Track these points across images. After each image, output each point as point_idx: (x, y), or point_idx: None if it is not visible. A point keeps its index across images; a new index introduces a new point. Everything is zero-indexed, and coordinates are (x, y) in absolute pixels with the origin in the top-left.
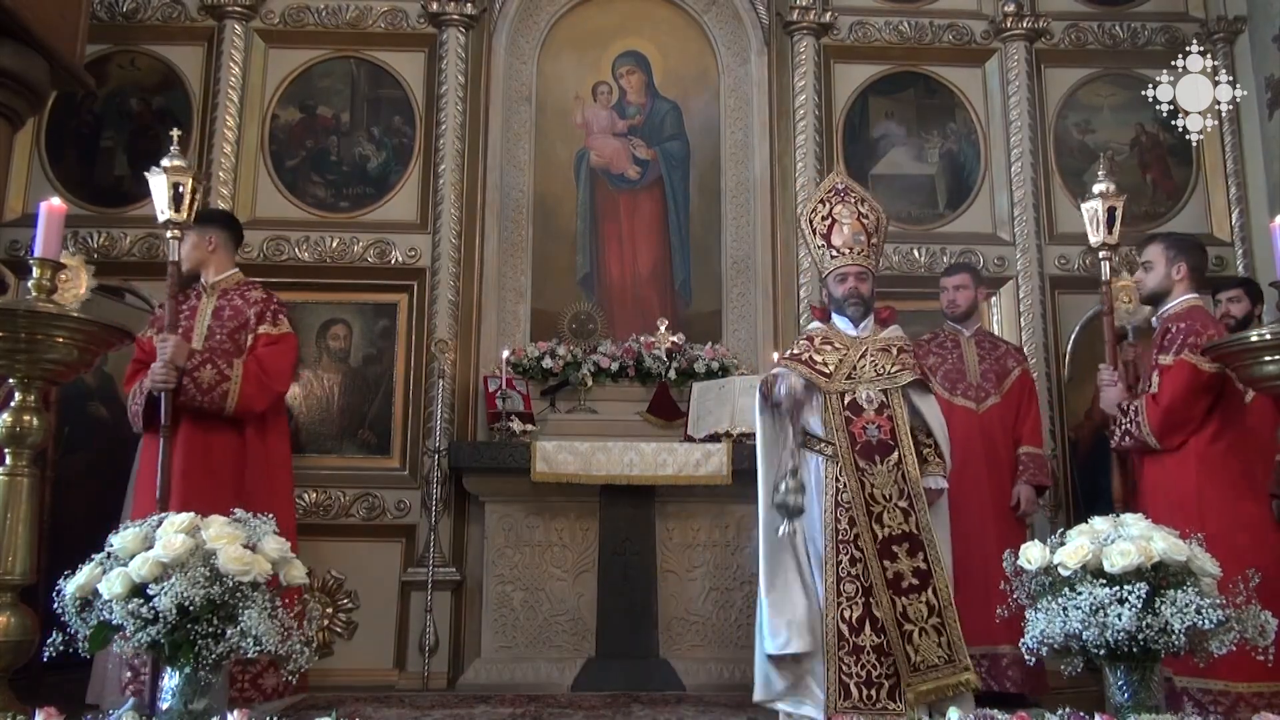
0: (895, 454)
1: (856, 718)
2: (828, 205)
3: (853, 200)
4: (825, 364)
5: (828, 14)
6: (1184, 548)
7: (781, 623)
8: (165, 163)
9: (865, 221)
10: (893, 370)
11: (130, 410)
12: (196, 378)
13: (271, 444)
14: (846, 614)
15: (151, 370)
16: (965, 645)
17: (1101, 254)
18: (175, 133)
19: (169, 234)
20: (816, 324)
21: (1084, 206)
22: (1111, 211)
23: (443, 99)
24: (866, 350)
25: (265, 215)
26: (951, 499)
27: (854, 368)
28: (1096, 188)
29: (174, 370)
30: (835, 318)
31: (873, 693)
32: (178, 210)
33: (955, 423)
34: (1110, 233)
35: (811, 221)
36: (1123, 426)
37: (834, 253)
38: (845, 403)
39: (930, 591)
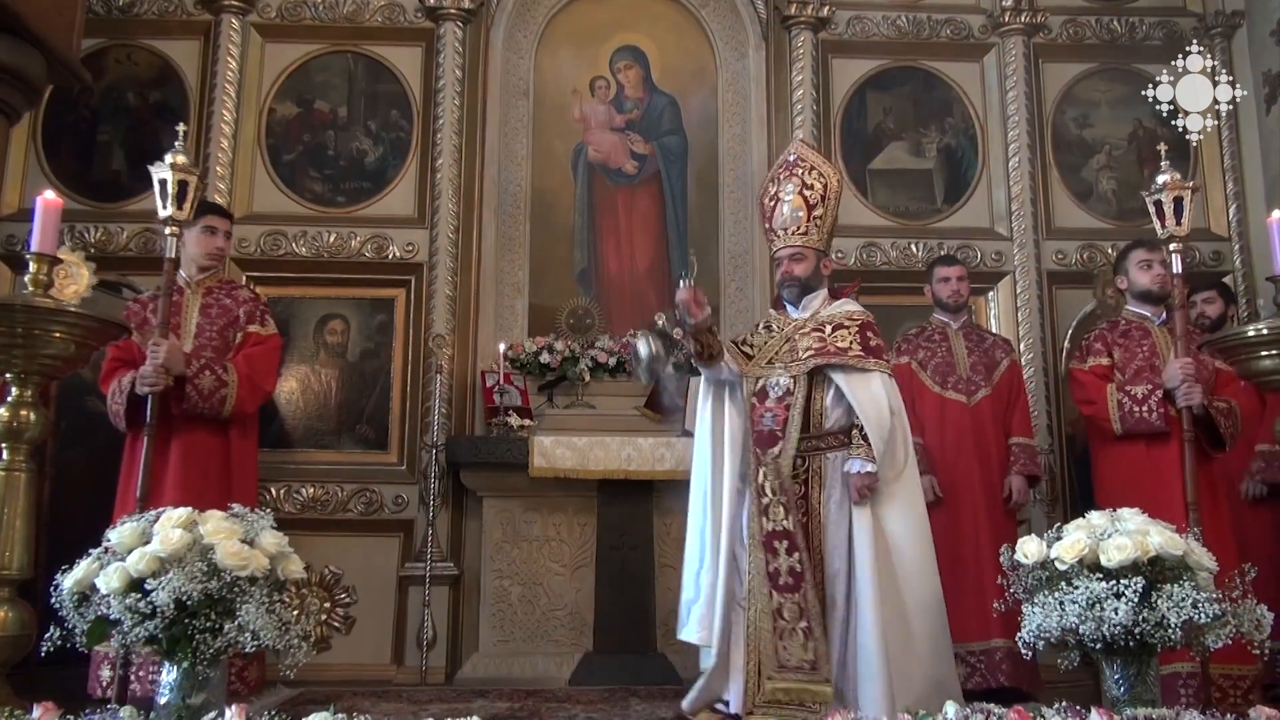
0: (778, 446)
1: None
2: (775, 184)
3: (800, 172)
4: (753, 348)
5: (825, 8)
6: (1180, 542)
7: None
8: (169, 158)
9: (808, 194)
10: (804, 354)
11: (111, 409)
12: (198, 384)
13: (249, 442)
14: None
15: (141, 372)
16: (829, 658)
17: (1172, 246)
18: (181, 128)
19: (167, 230)
20: (771, 311)
21: (1148, 199)
22: (1179, 201)
23: (440, 94)
24: (795, 334)
25: (262, 210)
26: (945, 492)
27: (776, 352)
28: (1161, 178)
29: (164, 374)
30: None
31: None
32: (180, 207)
33: (948, 417)
34: (1179, 224)
35: (763, 203)
36: (1227, 430)
37: (773, 236)
38: (756, 388)
39: (800, 594)
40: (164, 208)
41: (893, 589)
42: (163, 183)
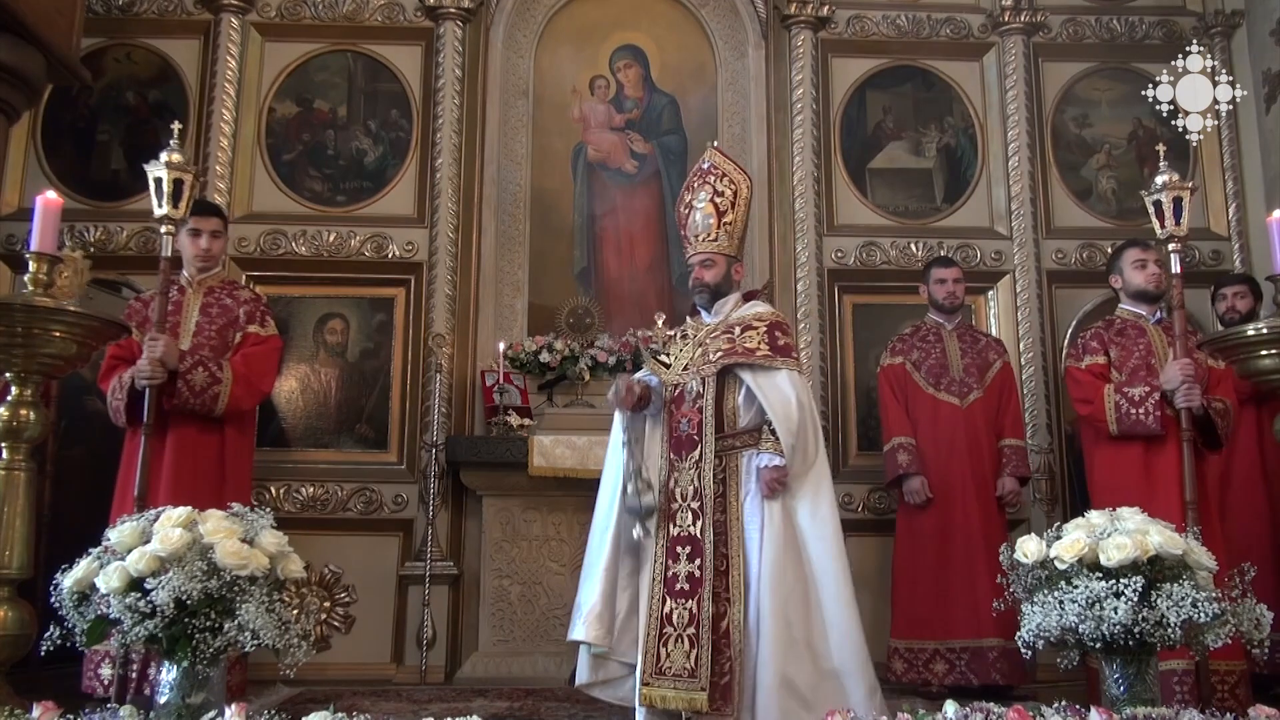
0: (697, 451)
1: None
2: (690, 192)
3: (712, 179)
4: (670, 357)
5: (825, 7)
6: (1180, 541)
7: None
8: (164, 157)
9: (718, 201)
10: (714, 357)
11: (111, 406)
12: (190, 380)
13: (245, 441)
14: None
15: (138, 366)
16: (710, 667)
17: (1171, 246)
18: (176, 126)
19: (163, 229)
20: (688, 318)
21: (1147, 199)
22: (1178, 201)
23: (440, 93)
24: (706, 338)
25: (262, 209)
26: (937, 493)
27: (691, 359)
28: (1160, 178)
29: (160, 368)
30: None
31: None
32: (175, 206)
33: (940, 418)
34: (1178, 224)
35: (679, 211)
36: (1223, 430)
37: (687, 244)
38: (673, 395)
39: (695, 601)
40: (159, 206)
41: (800, 582)
42: (158, 181)
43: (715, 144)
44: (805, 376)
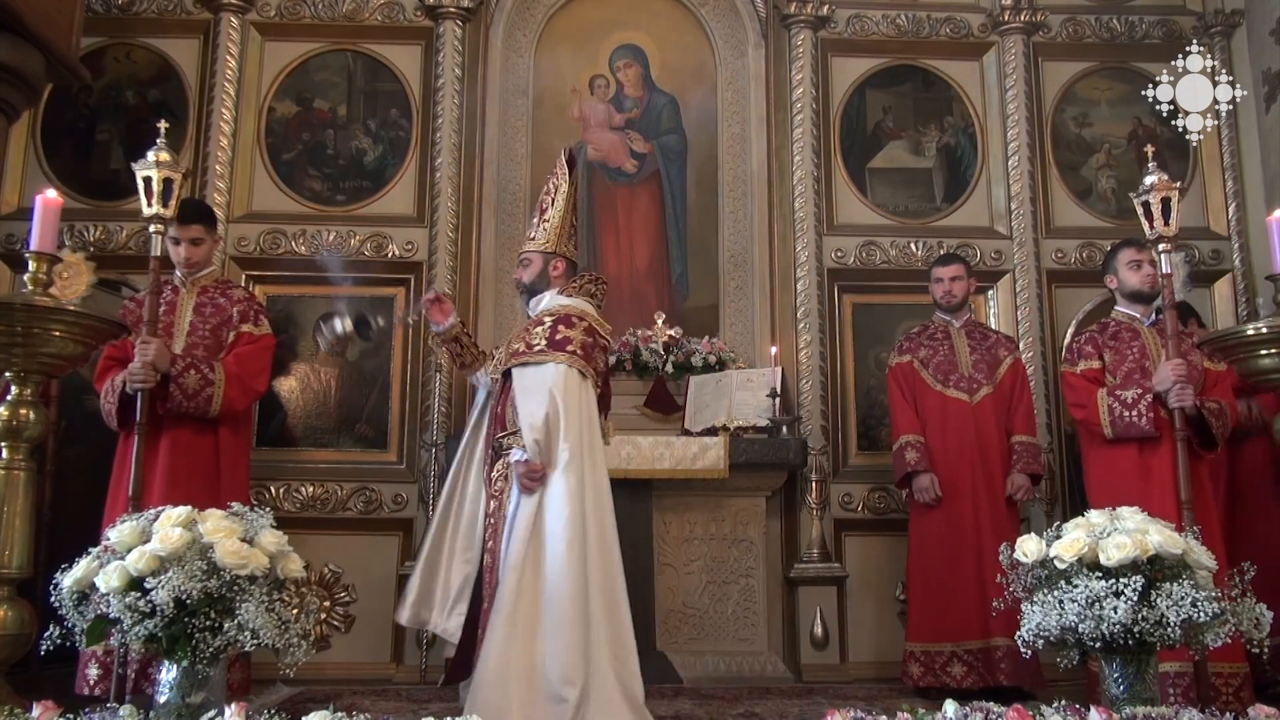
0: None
1: None
2: None
3: (551, 177)
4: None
5: (825, 7)
6: (1179, 541)
7: None
8: (152, 156)
9: (544, 199)
10: (504, 359)
11: (104, 408)
12: (182, 384)
13: (241, 440)
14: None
15: (129, 369)
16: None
17: (1161, 247)
18: (163, 124)
19: (152, 229)
20: None
21: (1136, 200)
22: (1166, 202)
23: (439, 92)
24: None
25: (262, 209)
26: (946, 491)
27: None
28: (1148, 179)
29: (152, 371)
30: None
31: None
32: (165, 205)
33: (949, 415)
34: (1167, 224)
35: None
36: (1219, 431)
37: None
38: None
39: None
40: (148, 206)
41: (535, 581)
42: (146, 180)
43: (569, 146)
44: (577, 370)
